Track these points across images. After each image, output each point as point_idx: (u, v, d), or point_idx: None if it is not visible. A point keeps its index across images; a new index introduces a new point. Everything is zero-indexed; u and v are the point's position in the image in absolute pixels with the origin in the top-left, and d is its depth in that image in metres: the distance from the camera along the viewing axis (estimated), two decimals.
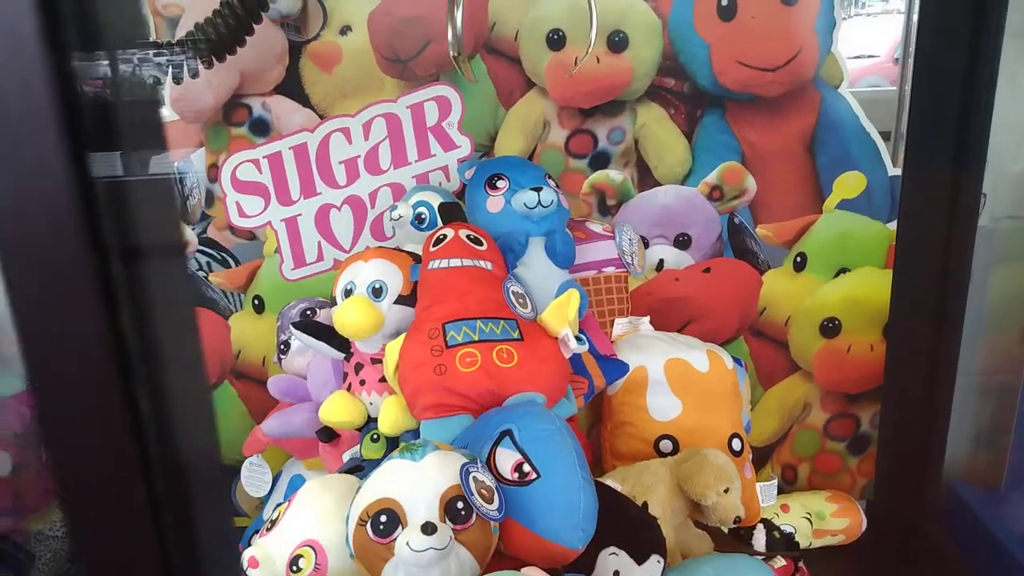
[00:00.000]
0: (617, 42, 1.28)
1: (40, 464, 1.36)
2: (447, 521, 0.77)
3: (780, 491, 1.42)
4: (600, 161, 1.35)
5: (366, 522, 0.77)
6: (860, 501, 1.42)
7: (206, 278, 1.42)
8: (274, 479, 1.33)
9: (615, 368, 1.15)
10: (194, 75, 1.24)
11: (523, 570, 0.72)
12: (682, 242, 1.39)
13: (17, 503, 1.31)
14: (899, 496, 1.45)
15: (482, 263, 1.06)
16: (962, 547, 1.36)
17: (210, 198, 1.38)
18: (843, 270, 1.38)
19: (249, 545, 1.18)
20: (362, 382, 1.11)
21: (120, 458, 0.35)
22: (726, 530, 1.19)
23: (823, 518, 1.36)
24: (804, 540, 1.33)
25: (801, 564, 1.17)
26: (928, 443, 1.41)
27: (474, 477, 0.80)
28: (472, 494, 0.78)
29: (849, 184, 1.33)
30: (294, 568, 0.87)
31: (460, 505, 0.78)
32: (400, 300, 1.10)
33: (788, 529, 1.31)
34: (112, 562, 0.40)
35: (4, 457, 1.28)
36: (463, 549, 0.77)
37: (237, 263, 1.41)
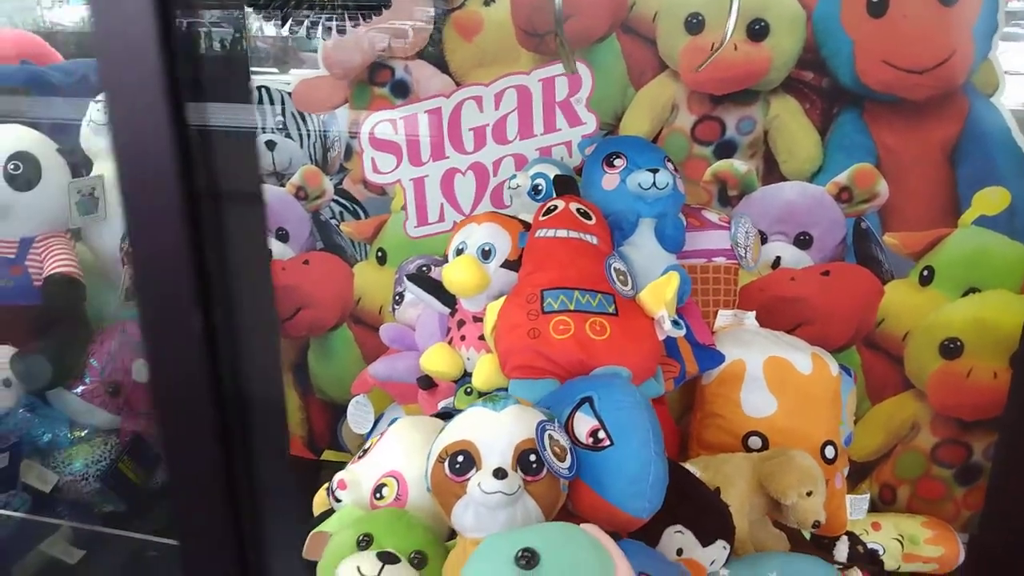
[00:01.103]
0: (757, 31, 1.26)
1: None
2: (518, 470, 0.81)
3: (875, 509, 1.38)
4: (726, 150, 1.34)
5: (444, 460, 0.82)
6: (961, 534, 1.35)
7: (338, 226, 1.52)
8: (376, 419, 1.42)
9: (710, 357, 1.15)
10: (342, 32, 1.33)
11: (582, 525, 0.75)
12: (803, 241, 1.36)
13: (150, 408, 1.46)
14: (1007, 534, 1.37)
15: (588, 237, 1.09)
16: None
17: (348, 152, 1.48)
18: (973, 290, 1.31)
19: None
20: (463, 337, 1.16)
21: (195, 371, 0.41)
22: (808, 536, 1.17)
23: (916, 543, 1.30)
24: (892, 562, 1.29)
25: None
26: None
27: (549, 435, 0.84)
28: (545, 449, 0.82)
29: (991, 200, 1.26)
30: (377, 495, 0.94)
31: (532, 458, 0.81)
32: (506, 264, 1.14)
33: (875, 547, 1.27)
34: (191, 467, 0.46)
35: (144, 365, 1.42)
36: (530, 499, 0.81)
37: (367, 215, 1.50)
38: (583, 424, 0.88)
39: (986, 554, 1.34)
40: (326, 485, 1.18)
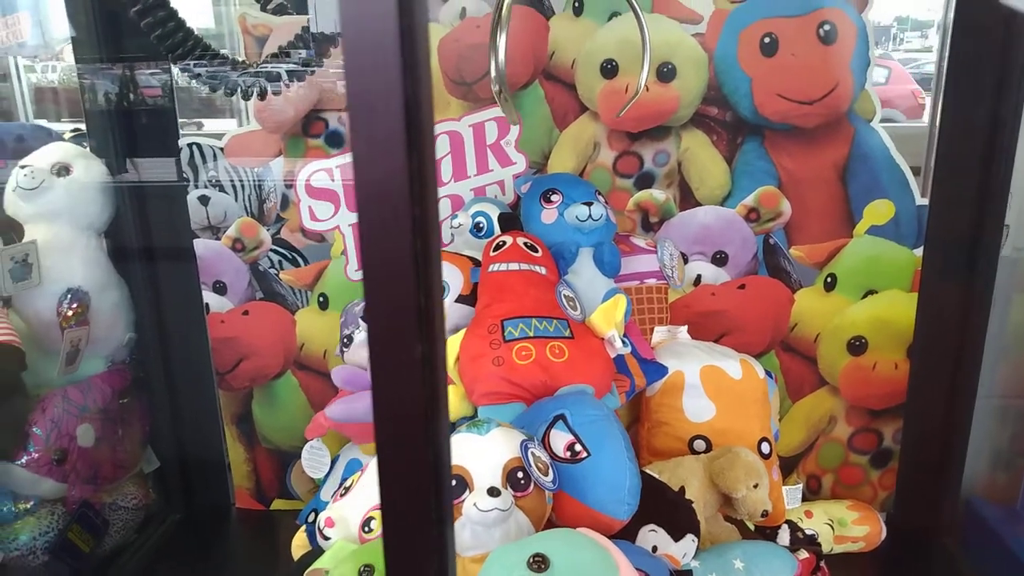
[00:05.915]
0: (666, 73, 1.39)
1: (117, 439, 1.48)
2: (508, 488, 0.87)
3: (804, 499, 1.50)
4: (645, 181, 1.45)
5: None
6: (880, 513, 1.50)
7: (277, 275, 1.54)
8: (332, 462, 1.43)
9: (655, 370, 1.25)
10: (276, 92, 1.38)
11: (579, 529, 0.82)
12: (719, 259, 1.48)
13: (96, 472, 1.42)
14: (918, 509, 1.52)
15: (537, 268, 1.17)
16: (977, 560, 1.43)
17: (285, 202, 1.51)
18: (871, 292, 1.47)
19: (307, 522, 1.29)
20: None
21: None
22: (752, 527, 1.27)
23: (844, 525, 1.43)
24: (826, 545, 1.41)
25: (822, 564, 1.25)
26: (947, 459, 1.48)
27: (532, 452, 0.90)
28: (531, 465, 0.88)
29: (879, 211, 1.42)
30: (366, 529, 0.97)
31: (520, 475, 0.88)
32: (460, 299, 1.20)
33: (811, 532, 1.39)
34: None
35: (88, 429, 1.40)
36: (521, 514, 0.87)
37: (306, 262, 1.53)
38: (560, 439, 0.95)
39: (902, 528, 1.49)
40: (303, 528, 1.21)
